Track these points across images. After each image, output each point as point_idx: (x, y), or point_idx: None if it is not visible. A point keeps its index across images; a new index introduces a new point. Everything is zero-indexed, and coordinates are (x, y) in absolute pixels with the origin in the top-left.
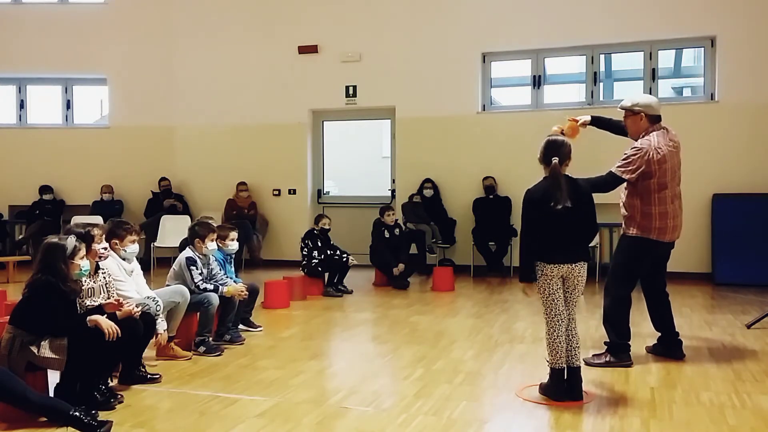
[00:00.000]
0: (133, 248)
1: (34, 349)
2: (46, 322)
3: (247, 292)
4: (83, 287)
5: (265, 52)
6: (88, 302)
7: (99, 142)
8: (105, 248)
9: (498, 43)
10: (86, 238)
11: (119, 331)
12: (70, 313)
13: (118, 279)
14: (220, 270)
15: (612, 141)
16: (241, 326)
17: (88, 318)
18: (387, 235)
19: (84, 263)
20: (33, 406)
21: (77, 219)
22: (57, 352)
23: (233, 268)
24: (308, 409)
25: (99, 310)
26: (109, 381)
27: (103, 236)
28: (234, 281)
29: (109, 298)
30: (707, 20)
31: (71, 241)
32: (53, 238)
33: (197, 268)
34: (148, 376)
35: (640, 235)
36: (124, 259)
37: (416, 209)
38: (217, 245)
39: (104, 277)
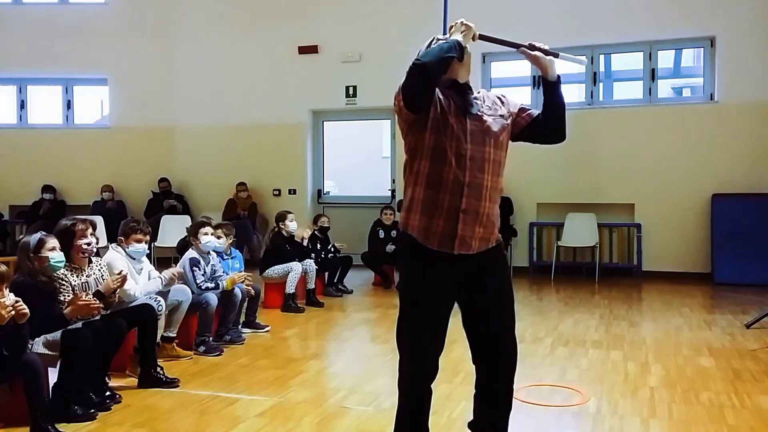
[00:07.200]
0: (136, 247)
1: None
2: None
3: (250, 277)
4: (74, 282)
5: (265, 52)
6: (84, 297)
7: (99, 143)
8: (88, 244)
9: None
10: (68, 233)
11: (99, 303)
12: (49, 309)
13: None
14: (221, 267)
15: (610, 141)
16: (247, 329)
17: (64, 312)
18: (382, 235)
19: (54, 255)
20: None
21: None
22: (50, 348)
23: (239, 265)
24: (308, 409)
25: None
26: (107, 380)
27: (89, 231)
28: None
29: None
30: (707, 20)
31: (35, 236)
32: (25, 238)
33: (200, 269)
34: (166, 379)
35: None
36: (133, 258)
37: None
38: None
39: (99, 270)
